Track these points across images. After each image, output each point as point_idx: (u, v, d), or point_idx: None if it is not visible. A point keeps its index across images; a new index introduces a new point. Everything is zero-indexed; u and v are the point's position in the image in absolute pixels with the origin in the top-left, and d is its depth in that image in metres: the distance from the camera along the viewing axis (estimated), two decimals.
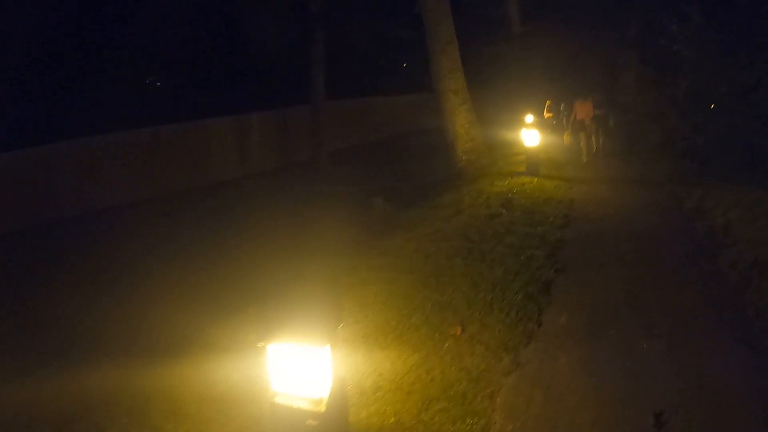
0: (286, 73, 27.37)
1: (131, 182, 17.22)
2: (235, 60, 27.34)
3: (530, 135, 15.27)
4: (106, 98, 21.54)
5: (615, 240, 9.91)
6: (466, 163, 17.07)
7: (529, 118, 26.88)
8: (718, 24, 15.03)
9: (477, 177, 15.69)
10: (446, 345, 6.35)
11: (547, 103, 23.63)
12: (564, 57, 30.36)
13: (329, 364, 3.98)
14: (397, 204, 14.70)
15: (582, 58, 28.95)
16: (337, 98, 26.86)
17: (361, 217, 13.95)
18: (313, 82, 24.06)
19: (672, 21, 16.65)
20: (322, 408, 3.96)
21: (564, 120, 21.53)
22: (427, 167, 18.96)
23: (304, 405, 3.99)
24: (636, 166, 17.63)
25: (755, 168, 13.77)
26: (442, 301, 7.32)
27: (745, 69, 13.94)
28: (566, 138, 20.63)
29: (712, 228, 10.45)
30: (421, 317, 6.95)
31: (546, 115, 22.89)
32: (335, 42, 26.40)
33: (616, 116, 20.84)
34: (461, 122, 17.12)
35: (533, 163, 15.43)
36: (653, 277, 8.17)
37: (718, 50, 14.86)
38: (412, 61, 33.95)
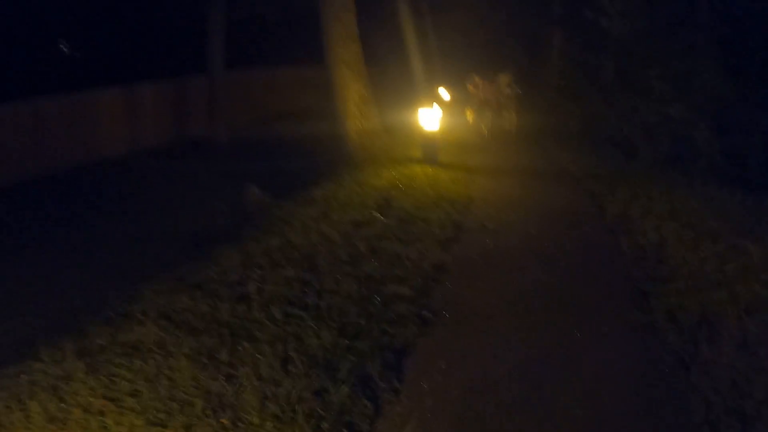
0: (186, 39, 23.88)
1: (7, 163, 14.40)
2: (127, 23, 23.72)
3: (428, 116, 12.30)
4: None
5: (514, 268, 7.11)
6: (357, 146, 14.21)
7: (445, 94, 24.44)
8: None
9: (366, 163, 12.89)
10: None
11: (475, 78, 20.77)
12: (485, 31, 27.55)
13: None
14: (275, 193, 11.81)
15: (504, 33, 26.15)
16: (241, 68, 23.71)
17: (230, 209, 11.25)
18: (210, 49, 20.77)
19: None
20: None
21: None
22: (325, 146, 15.88)
23: None
24: (553, 153, 14.93)
25: (690, 165, 11.10)
26: (224, 394, 4.32)
27: (682, 52, 11.14)
28: (468, 115, 19.27)
29: (643, 249, 7.76)
30: (180, 429, 3.93)
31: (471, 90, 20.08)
32: (238, 6, 23.19)
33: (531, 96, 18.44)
34: (354, 99, 14.20)
35: (431, 150, 12.54)
36: (560, 342, 5.37)
37: (653, 29, 12.02)
38: None
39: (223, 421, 4.15)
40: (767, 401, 4.46)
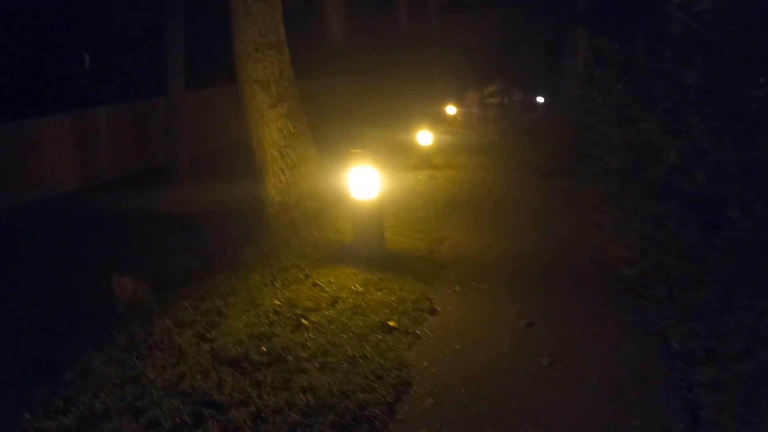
0: (147, 57, 18.18)
1: None
2: (75, 39, 18.18)
3: (363, 178, 6.21)
4: None
5: None
6: (278, 210, 8.35)
7: (451, 110, 19.78)
8: None
9: (273, 252, 6.96)
10: None
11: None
12: (498, 37, 21.21)
13: None
14: (157, 283, 6.64)
15: (519, 38, 19.83)
16: (209, 86, 18.27)
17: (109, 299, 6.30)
18: (169, 66, 15.67)
19: None
20: None
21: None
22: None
23: None
24: (583, 210, 8.57)
25: None
26: None
27: None
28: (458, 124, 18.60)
29: None
30: None
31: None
32: (203, 15, 17.73)
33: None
34: (273, 136, 8.38)
35: (369, 234, 6.50)
36: None
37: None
38: None
39: None
40: None
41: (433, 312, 5.35)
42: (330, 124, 16.08)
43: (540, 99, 21.10)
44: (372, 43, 21.45)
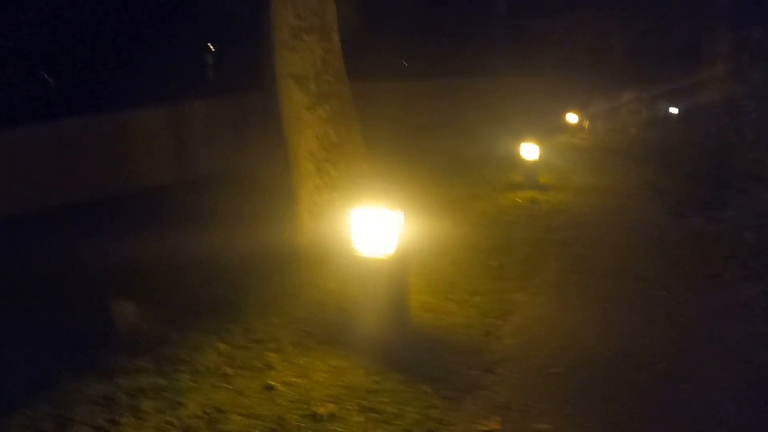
0: (249, 48, 16.83)
1: (23, 189, 11.02)
2: (173, 31, 16.98)
3: (382, 231, 3.93)
4: None
5: None
6: (309, 239, 6.34)
7: (573, 117, 17.97)
8: None
9: (275, 300, 5.11)
10: None
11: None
12: (629, 38, 18.06)
13: None
14: (163, 316, 4.83)
15: (652, 39, 16.76)
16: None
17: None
18: (265, 59, 13.83)
19: None
20: None
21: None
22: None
23: None
24: (728, 272, 5.74)
25: None
26: None
27: None
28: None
29: None
30: None
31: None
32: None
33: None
34: (309, 146, 6.32)
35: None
36: None
37: None
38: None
39: None
40: None
41: None
42: (411, 134, 13.71)
43: (673, 110, 17.96)
44: (477, 40, 19.04)
